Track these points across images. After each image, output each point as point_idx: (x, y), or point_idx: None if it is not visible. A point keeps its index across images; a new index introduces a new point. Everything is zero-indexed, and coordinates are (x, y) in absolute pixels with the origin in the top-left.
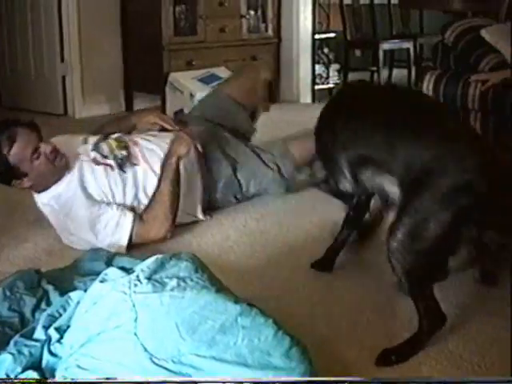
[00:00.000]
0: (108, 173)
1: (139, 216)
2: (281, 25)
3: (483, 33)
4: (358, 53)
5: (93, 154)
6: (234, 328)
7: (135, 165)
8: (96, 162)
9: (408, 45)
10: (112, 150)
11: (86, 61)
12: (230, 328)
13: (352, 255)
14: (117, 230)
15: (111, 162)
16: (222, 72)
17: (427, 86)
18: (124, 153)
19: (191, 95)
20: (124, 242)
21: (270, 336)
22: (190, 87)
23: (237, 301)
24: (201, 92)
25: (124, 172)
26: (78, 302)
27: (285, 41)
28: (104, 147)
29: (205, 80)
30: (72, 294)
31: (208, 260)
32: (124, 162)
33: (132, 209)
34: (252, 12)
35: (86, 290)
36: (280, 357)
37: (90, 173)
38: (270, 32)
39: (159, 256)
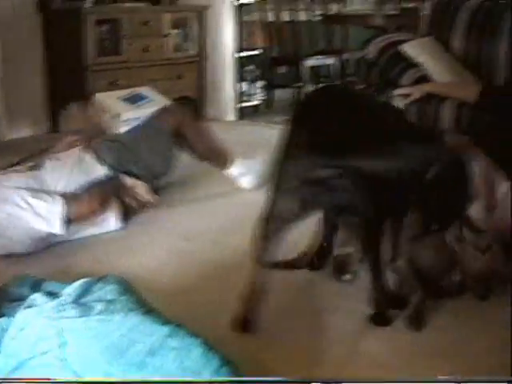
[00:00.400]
0: (22, 174)
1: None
2: (205, 43)
3: (404, 47)
4: (282, 69)
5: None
6: (163, 349)
7: (44, 163)
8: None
9: (332, 61)
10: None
11: (10, 82)
12: (159, 350)
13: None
14: (49, 207)
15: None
16: (147, 91)
17: None
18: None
19: (116, 115)
20: (59, 217)
21: (200, 356)
22: (114, 107)
23: (165, 322)
24: (126, 112)
25: (38, 169)
26: (6, 329)
27: (209, 59)
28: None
29: (130, 100)
30: None
31: (137, 282)
32: (34, 166)
33: None
34: (176, 31)
35: (13, 316)
36: (210, 376)
37: (5, 179)
38: (194, 50)
39: (86, 279)
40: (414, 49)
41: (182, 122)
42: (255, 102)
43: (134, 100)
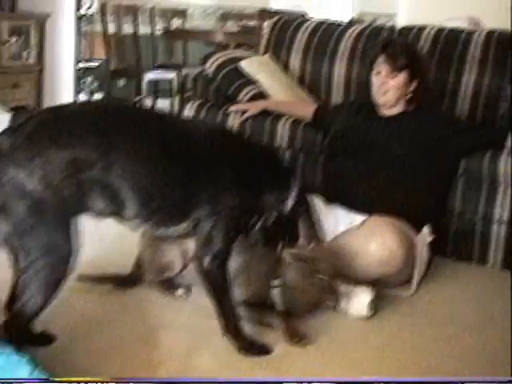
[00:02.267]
0: None
1: None
2: (43, 52)
3: (242, 64)
4: (121, 82)
5: None
6: None
7: None
8: None
9: (172, 75)
10: None
11: None
12: None
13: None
14: None
15: None
16: None
17: (188, 116)
18: None
19: None
20: None
21: (26, 375)
22: None
23: None
24: None
25: None
26: None
27: (48, 69)
28: None
29: None
30: None
31: None
32: None
33: None
34: (14, 38)
35: None
36: None
37: None
38: (32, 59)
39: None
40: (251, 66)
41: None
42: None
43: None
